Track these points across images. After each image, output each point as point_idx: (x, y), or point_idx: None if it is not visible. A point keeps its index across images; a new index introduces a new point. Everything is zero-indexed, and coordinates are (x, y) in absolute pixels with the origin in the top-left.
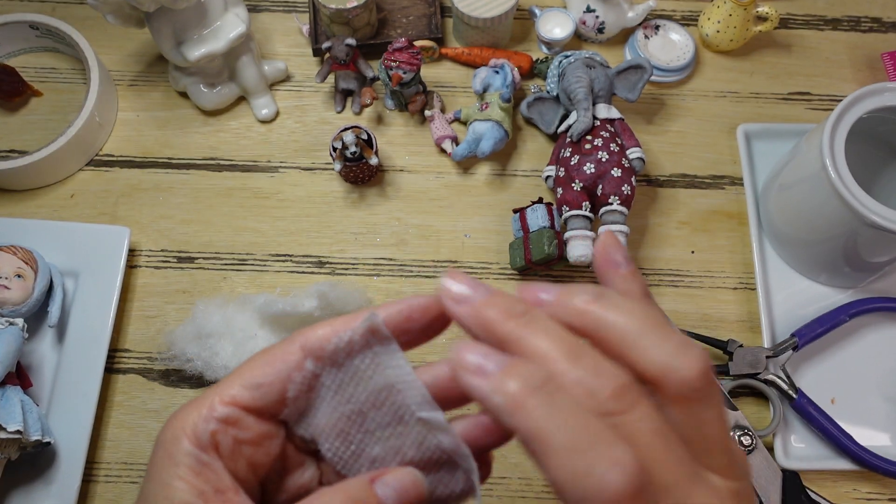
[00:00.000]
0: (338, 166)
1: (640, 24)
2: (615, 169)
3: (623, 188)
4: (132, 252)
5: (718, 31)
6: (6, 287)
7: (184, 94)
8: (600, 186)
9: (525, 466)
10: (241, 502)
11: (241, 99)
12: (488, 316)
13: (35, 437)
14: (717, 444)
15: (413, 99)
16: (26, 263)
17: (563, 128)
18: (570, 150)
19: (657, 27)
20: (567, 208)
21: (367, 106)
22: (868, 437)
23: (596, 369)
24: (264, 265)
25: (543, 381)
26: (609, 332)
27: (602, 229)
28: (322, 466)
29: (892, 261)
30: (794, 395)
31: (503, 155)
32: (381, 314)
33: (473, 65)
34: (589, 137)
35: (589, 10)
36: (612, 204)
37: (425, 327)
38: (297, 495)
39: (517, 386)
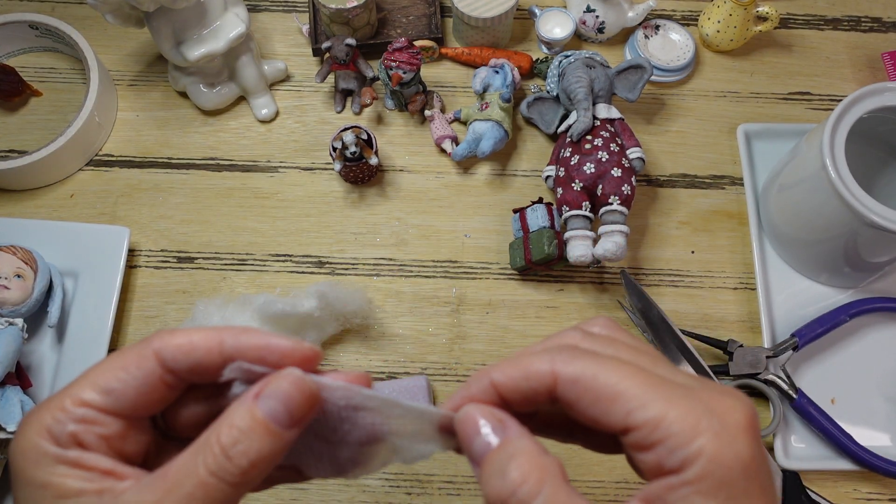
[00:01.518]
0: (338, 166)
1: (640, 24)
2: (615, 169)
3: (623, 188)
4: (132, 252)
5: (718, 31)
6: (6, 287)
7: (183, 94)
8: (600, 186)
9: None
10: (130, 471)
11: (241, 99)
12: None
13: None
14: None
15: (413, 99)
16: (26, 263)
17: (563, 128)
18: (570, 150)
19: (657, 27)
20: (567, 208)
21: (367, 106)
22: (868, 437)
23: (550, 340)
24: (264, 265)
25: None
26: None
27: (601, 229)
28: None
29: (892, 261)
30: (795, 396)
31: (503, 155)
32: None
33: (473, 65)
34: (589, 137)
35: (589, 9)
36: (612, 204)
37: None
38: (193, 423)
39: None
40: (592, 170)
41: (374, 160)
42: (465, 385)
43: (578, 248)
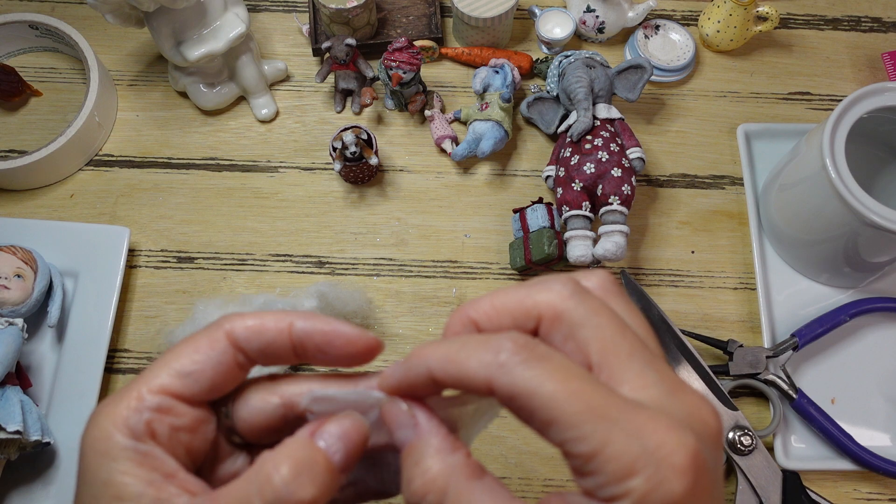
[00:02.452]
0: (338, 166)
1: (640, 24)
2: (615, 169)
3: (623, 188)
4: (132, 252)
5: (718, 31)
6: (6, 287)
7: (183, 94)
8: (600, 186)
9: (525, 466)
10: (192, 481)
11: (241, 99)
12: None
13: (35, 437)
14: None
15: (413, 99)
16: (26, 263)
17: (563, 128)
18: (570, 150)
19: (657, 27)
20: (567, 208)
21: (366, 106)
22: (868, 437)
23: (492, 338)
24: (264, 265)
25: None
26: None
27: (601, 229)
28: (253, 456)
29: (892, 261)
30: (795, 395)
31: (503, 155)
32: (300, 323)
33: (473, 65)
34: (589, 137)
35: (589, 9)
36: (612, 204)
37: (345, 357)
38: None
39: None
40: (592, 170)
41: (374, 160)
42: (403, 366)
43: (578, 248)
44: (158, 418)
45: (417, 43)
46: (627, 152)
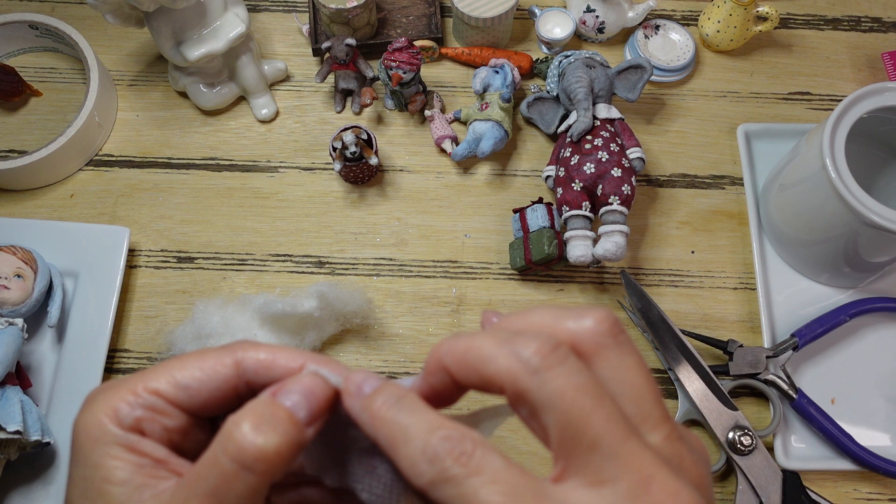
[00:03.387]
0: (338, 166)
1: (640, 24)
2: (615, 169)
3: (623, 188)
4: (132, 252)
5: (718, 31)
6: (6, 287)
7: (183, 94)
8: (600, 186)
9: (525, 466)
10: (183, 464)
11: (241, 99)
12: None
13: (35, 437)
14: (645, 392)
15: (413, 99)
16: (26, 263)
17: (563, 128)
18: (570, 150)
19: (657, 27)
20: (567, 208)
21: (366, 106)
22: (868, 437)
23: (522, 338)
24: (264, 265)
25: (401, 394)
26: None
27: (601, 229)
28: None
29: (892, 261)
30: (794, 395)
31: (503, 155)
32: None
33: (473, 65)
34: (589, 137)
35: (589, 9)
36: (612, 204)
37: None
38: None
39: (380, 401)
40: (592, 170)
41: (374, 160)
42: (423, 376)
43: (578, 248)
44: (150, 417)
45: (417, 43)
46: (627, 152)
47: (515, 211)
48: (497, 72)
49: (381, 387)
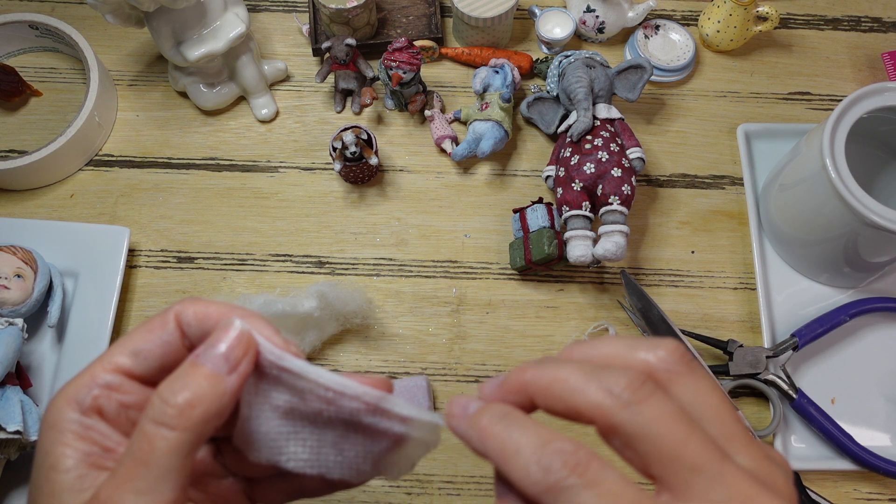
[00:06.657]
0: (338, 166)
1: (640, 24)
2: (615, 169)
3: (623, 188)
4: (132, 252)
5: (718, 31)
6: (6, 287)
7: (183, 94)
8: (600, 186)
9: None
10: None
11: (241, 99)
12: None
13: (35, 437)
14: (724, 413)
15: (413, 99)
16: (26, 263)
17: (563, 128)
18: (570, 150)
19: (657, 27)
20: (567, 208)
21: (366, 106)
22: (868, 437)
23: (610, 373)
24: (264, 265)
25: (505, 413)
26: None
27: (601, 229)
28: (218, 446)
29: (892, 261)
30: (794, 395)
31: (503, 155)
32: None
33: (473, 65)
34: (589, 137)
35: (589, 9)
36: (612, 204)
37: None
38: None
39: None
40: (592, 170)
41: (374, 160)
42: (501, 392)
43: (578, 248)
44: (106, 394)
45: (417, 43)
46: (627, 152)
47: (515, 211)
48: (497, 72)
49: (486, 406)
